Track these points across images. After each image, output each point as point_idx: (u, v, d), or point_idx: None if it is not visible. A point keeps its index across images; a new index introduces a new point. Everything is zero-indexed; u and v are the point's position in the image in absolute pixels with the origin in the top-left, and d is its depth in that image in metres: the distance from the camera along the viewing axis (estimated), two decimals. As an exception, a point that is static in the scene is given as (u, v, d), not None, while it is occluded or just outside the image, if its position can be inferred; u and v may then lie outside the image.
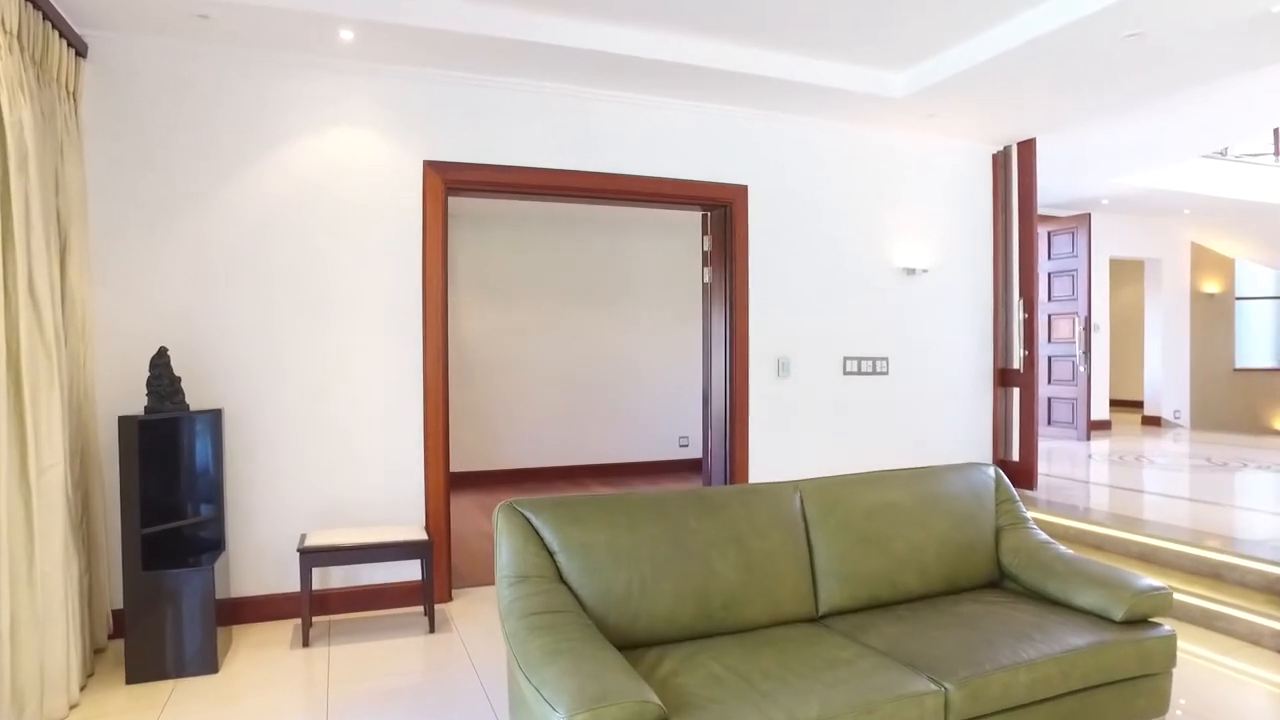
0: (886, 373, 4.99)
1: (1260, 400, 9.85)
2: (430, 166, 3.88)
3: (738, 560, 2.39)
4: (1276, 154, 8.62)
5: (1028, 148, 5.20)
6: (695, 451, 8.54)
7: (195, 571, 2.97)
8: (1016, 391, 5.45)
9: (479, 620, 3.67)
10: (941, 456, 5.18)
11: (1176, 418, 9.70)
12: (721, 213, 4.59)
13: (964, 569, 2.75)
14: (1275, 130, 8.60)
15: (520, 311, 7.86)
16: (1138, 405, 10.64)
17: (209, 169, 3.53)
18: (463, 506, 6.44)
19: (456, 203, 5.86)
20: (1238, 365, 10.02)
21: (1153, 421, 9.74)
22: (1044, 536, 2.86)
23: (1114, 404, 9.95)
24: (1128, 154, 6.64)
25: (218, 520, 3.28)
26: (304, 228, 3.68)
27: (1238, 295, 10.02)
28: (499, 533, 2.24)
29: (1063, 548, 2.79)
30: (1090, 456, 6.90)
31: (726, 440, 4.57)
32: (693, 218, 8.03)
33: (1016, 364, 5.38)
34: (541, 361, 7.91)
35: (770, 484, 2.64)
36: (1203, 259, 9.91)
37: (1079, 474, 6.01)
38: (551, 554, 2.23)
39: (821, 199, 4.79)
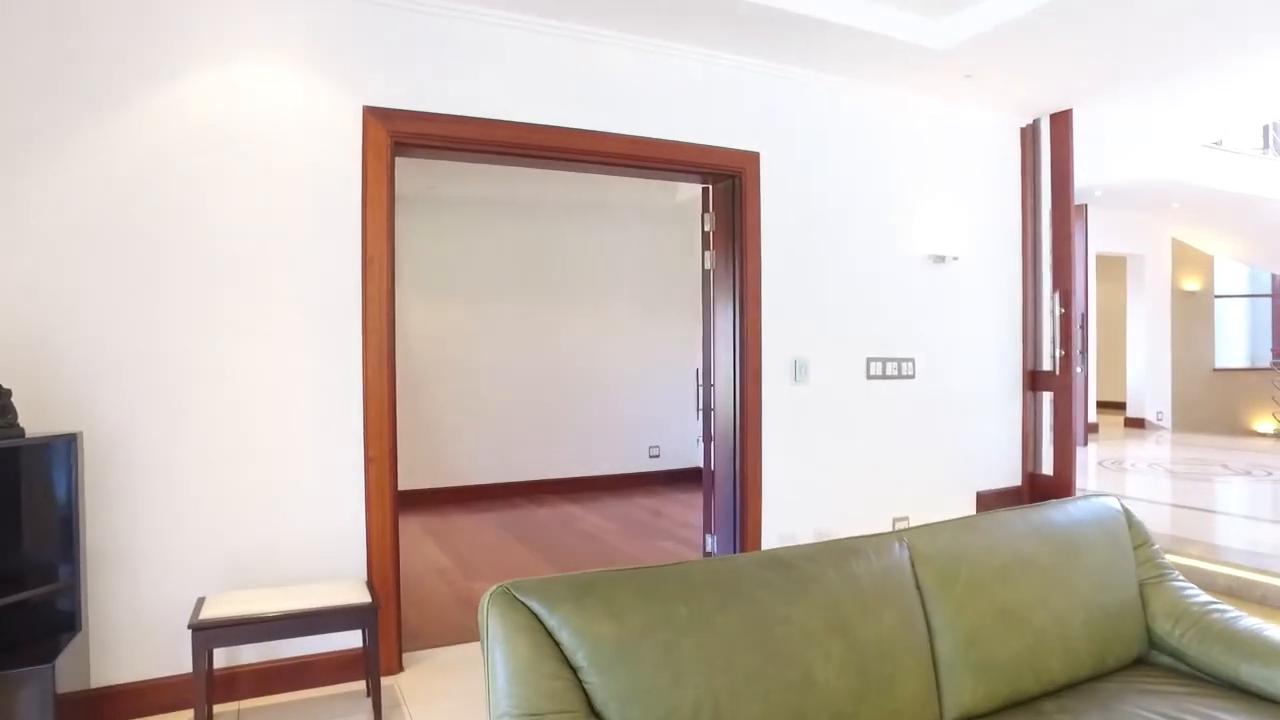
0: (912, 376, 4.30)
1: (1238, 401, 9.61)
2: (372, 114, 3.00)
3: (845, 658, 1.62)
4: (1266, 147, 8.35)
5: (1062, 120, 4.59)
6: (667, 463, 7.78)
7: (20, 674, 2.04)
8: (1046, 397, 4.85)
9: (440, 698, 2.82)
10: (972, 471, 4.53)
11: (1159, 419, 9.38)
12: (728, 185, 3.83)
13: (1113, 643, 2.04)
14: (1265, 126, 8.35)
15: (472, 309, 6.97)
16: (1117, 406, 10.32)
17: (62, 103, 2.59)
18: (409, 533, 5.53)
19: (399, 181, 4.96)
20: (1217, 365, 9.77)
21: (1136, 423, 9.39)
22: (1203, 595, 2.17)
23: (1096, 405, 9.59)
24: (1136, 139, 6.13)
25: (71, 589, 2.35)
26: (202, 190, 2.76)
27: (1216, 293, 9.78)
28: (491, 640, 1.41)
29: (1234, 610, 2.10)
30: (1099, 464, 6.39)
31: (735, 456, 3.80)
32: (666, 205, 7.27)
33: (1049, 365, 4.77)
34: (495, 364, 7.03)
35: (869, 538, 1.88)
36: (1183, 256, 9.63)
37: (1102, 486, 5.44)
38: (576, 670, 1.42)
39: (842, 172, 4.07)
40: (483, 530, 5.72)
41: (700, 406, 4.20)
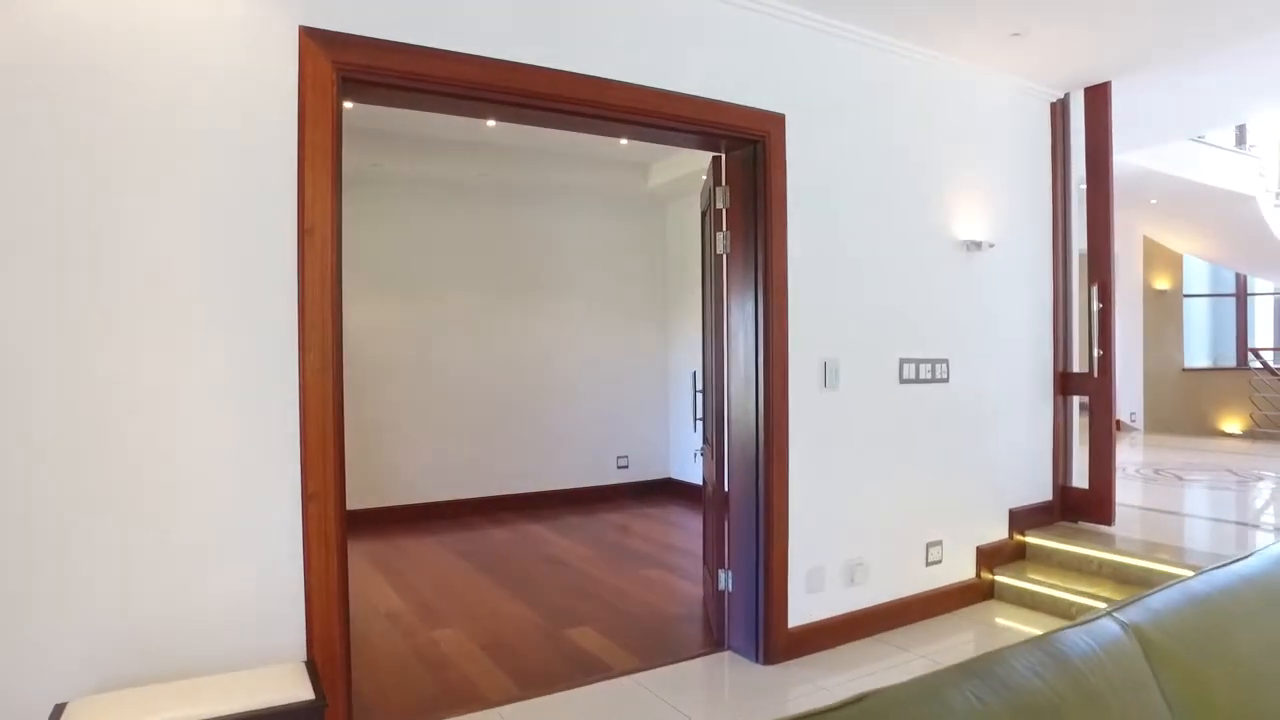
0: (946, 379, 3.76)
1: (1206, 401, 9.51)
2: (313, 39, 2.26)
3: None
4: (1238, 144, 8.20)
5: (1099, 94, 4.12)
6: (636, 474, 7.13)
7: None
8: (1076, 401, 4.39)
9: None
10: (1004, 487, 4.02)
11: (1133, 421, 9.20)
12: (749, 152, 3.20)
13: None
14: (1238, 126, 8.20)
15: (418, 304, 6.19)
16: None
17: None
18: (350, 565, 4.72)
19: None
20: (1185, 365, 9.66)
21: (1110, 425, 9.16)
22: None
23: (1069, 407, 9.34)
24: (1129, 127, 5.73)
25: None
26: (66, 133, 1.98)
27: (1185, 293, 9.67)
28: None
29: None
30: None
31: (758, 476, 3.18)
32: (637, 190, 6.62)
33: (1079, 366, 4.31)
34: (445, 366, 6.27)
35: (1080, 626, 1.26)
36: (1153, 255, 9.49)
37: (1134, 498, 5.02)
38: None
39: (873, 141, 3.50)
40: (438, 558, 4.96)
41: (709, 414, 3.57)
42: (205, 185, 2.13)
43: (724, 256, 3.33)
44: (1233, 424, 9.34)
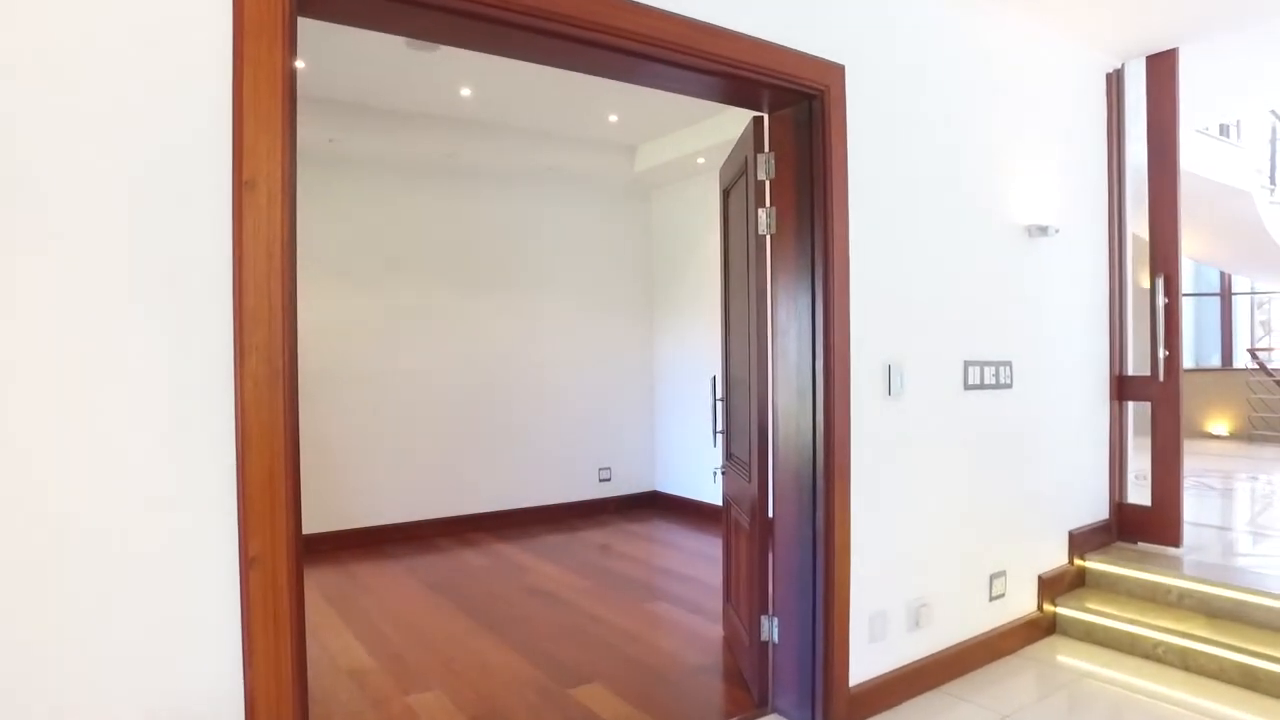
0: (1010, 384, 3.25)
1: (1192, 403, 9.30)
2: (253, -86, 1.61)
3: None
4: (1223, 134, 7.97)
5: (1165, 63, 3.67)
6: (620, 487, 6.53)
7: None
8: (1131, 408, 3.95)
9: None
10: (1064, 506, 3.54)
11: (1124, 423, 8.93)
12: (803, 109, 2.62)
13: None
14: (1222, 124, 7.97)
15: (378, 300, 5.49)
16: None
17: None
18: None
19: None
20: (1172, 365, 9.44)
21: (1102, 428, 8.89)
22: None
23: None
24: (1195, 103, 5.34)
25: None
26: None
27: (1172, 291, 9.46)
28: None
29: None
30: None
31: (815, 503, 2.61)
32: (622, 175, 6.02)
33: (1136, 368, 3.86)
34: (408, 371, 5.58)
35: None
36: (1141, 254, 9.25)
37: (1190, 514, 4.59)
38: None
39: (936, 104, 2.96)
40: (406, 593, 4.28)
41: (743, 427, 2.99)
42: (95, 122, 1.46)
43: (767, 238, 2.75)
44: (1219, 425, 9.16)
